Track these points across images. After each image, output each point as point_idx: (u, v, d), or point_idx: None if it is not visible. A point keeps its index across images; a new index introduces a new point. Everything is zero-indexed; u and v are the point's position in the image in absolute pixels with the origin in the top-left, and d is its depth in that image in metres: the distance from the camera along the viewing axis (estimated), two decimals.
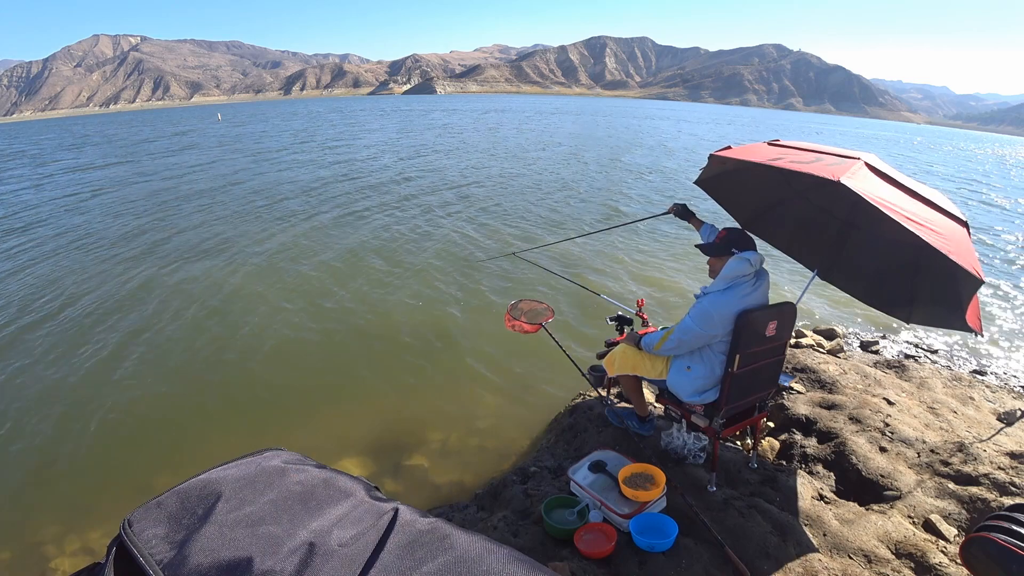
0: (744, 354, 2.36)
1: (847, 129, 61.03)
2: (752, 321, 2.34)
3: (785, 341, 2.59)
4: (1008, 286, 7.36)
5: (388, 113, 53.09)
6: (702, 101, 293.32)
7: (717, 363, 2.44)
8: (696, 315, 2.41)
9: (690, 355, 2.52)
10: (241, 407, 4.29)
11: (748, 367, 2.43)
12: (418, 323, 5.61)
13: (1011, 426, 3.43)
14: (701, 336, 2.40)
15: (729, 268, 2.39)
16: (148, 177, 15.52)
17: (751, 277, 2.42)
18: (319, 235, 8.82)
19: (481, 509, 2.90)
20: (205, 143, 25.89)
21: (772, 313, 2.43)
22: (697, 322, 2.40)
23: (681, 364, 2.56)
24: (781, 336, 2.52)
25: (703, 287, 2.52)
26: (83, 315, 5.82)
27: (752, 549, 2.22)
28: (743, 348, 2.35)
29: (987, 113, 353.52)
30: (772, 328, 2.43)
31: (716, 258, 2.51)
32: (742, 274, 2.38)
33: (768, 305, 2.47)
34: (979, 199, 15.09)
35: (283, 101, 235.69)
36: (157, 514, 0.58)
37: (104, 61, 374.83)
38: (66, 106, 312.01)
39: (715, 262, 2.52)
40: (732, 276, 2.39)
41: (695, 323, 2.40)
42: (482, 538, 0.58)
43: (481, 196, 11.86)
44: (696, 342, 2.44)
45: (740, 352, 2.35)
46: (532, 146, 22.60)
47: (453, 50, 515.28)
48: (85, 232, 9.34)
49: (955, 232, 2.17)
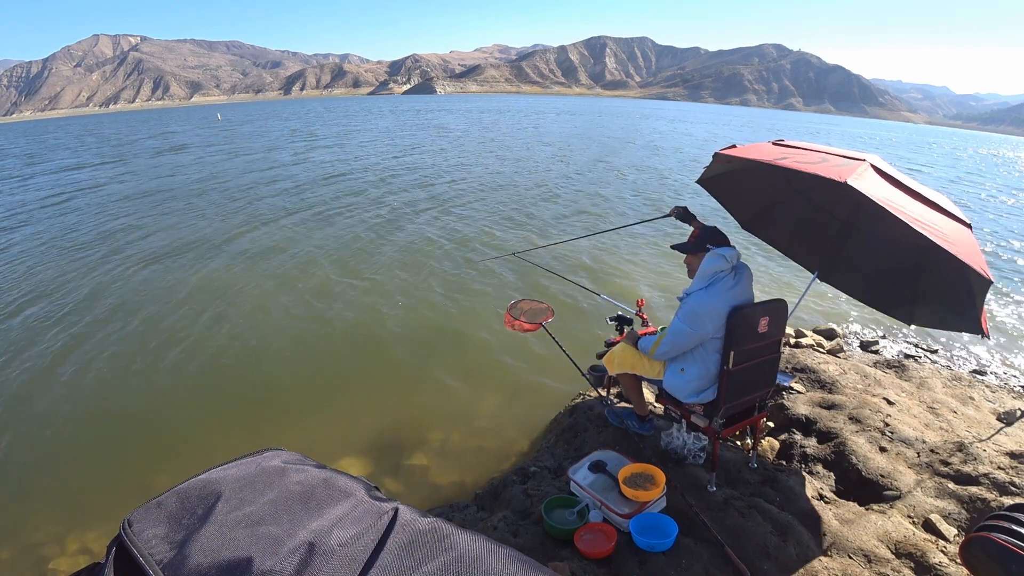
0: (738, 351, 2.37)
1: (845, 129, 60.97)
2: (744, 317, 2.36)
3: (779, 338, 2.60)
4: (1008, 286, 7.37)
5: (384, 114, 53.04)
6: (702, 101, 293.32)
7: (711, 362, 2.44)
8: (684, 316, 2.42)
9: (682, 357, 2.52)
10: (241, 407, 4.29)
11: (744, 364, 2.43)
12: (418, 323, 5.61)
13: (1011, 426, 3.43)
14: (693, 336, 2.41)
15: (706, 263, 2.41)
16: (147, 176, 15.53)
17: (729, 272, 2.43)
18: (317, 236, 8.82)
19: (481, 509, 2.89)
20: (205, 142, 25.89)
21: (764, 309, 2.44)
22: (687, 322, 2.40)
23: (675, 367, 2.56)
24: (774, 333, 2.53)
25: (685, 289, 2.53)
26: (81, 316, 5.82)
27: (752, 549, 2.22)
28: (737, 345, 2.36)
29: (987, 113, 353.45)
30: (765, 324, 2.44)
31: (692, 256, 2.53)
32: (719, 269, 2.40)
33: (759, 302, 2.49)
34: (979, 199, 15.09)
35: (283, 101, 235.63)
36: (157, 514, 0.58)
37: (104, 61, 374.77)
38: (66, 106, 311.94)
39: (692, 260, 2.54)
40: (710, 272, 2.41)
41: (685, 323, 2.41)
42: (482, 538, 0.58)
43: (481, 196, 11.86)
44: (689, 342, 2.44)
45: (734, 349, 2.36)
46: (535, 146, 22.61)
47: (453, 50, 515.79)
48: (79, 233, 9.34)
49: (961, 233, 2.18)
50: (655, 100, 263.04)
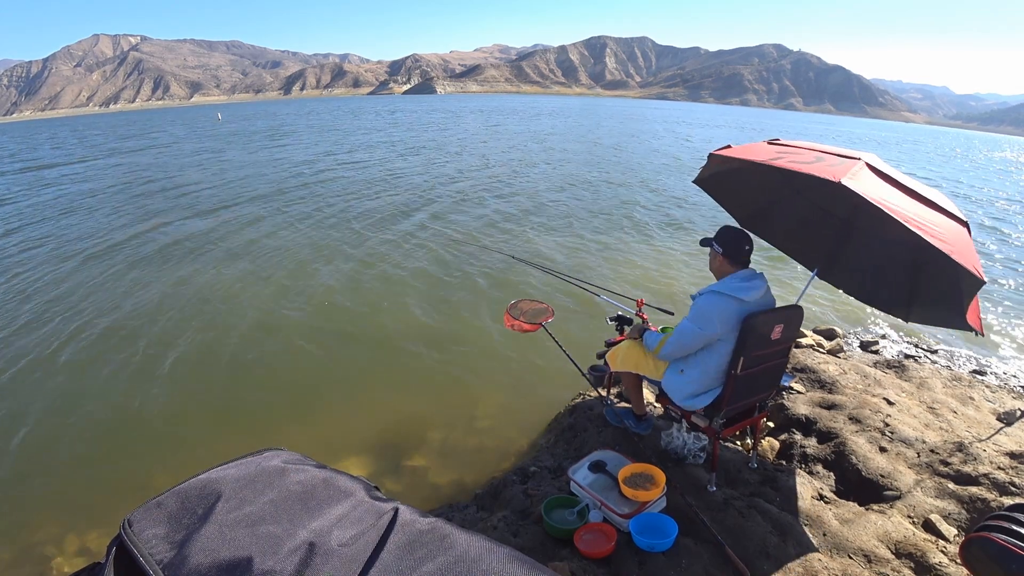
0: (748, 357, 2.34)
1: (844, 130, 60.95)
2: (758, 325, 2.32)
3: (790, 344, 2.58)
4: (1008, 286, 7.37)
5: (382, 114, 53.02)
6: (702, 101, 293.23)
7: (712, 366, 2.41)
8: (694, 315, 2.41)
9: (684, 357, 2.51)
10: (241, 407, 4.29)
11: (751, 370, 2.41)
12: (417, 323, 5.61)
13: (1011, 426, 3.43)
14: (699, 336, 2.38)
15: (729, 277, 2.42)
16: (156, 175, 15.53)
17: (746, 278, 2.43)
18: (314, 237, 8.82)
19: (481, 509, 2.89)
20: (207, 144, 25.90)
21: (779, 316, 2.40)
22: (695, 322, 2.39)
23: (675, 366, 2.56)
24: (787, 339, 2.50)
25: (700, 289, 2.52)
26: (80, 317, 5.82)
27: (752, 549, 2.22)
28: (747, 352, 2.33)
29: (987, 113, 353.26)
30: (779, 332, 2.41)
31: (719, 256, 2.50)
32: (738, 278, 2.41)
33: (775, 308, 2.45)
34: (979, 198, 15.09)
35: (283, 101, 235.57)
36: (157, 514, 0.58)
37: (104, 61, 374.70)
38: (66, 106, 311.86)
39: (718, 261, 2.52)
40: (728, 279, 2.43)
41: (693, 323, 2.40)
42: (482, 538, 0.58)
43: (480, 197, 11.86)
44: (695, 343, 2.41)
45: (744, 355, 2.32)
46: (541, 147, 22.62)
47: (453, 50, 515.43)
48: (71, 233, 9.34)
49: (956, 232, 2.18)
50: (655, 100, 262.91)
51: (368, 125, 36.31)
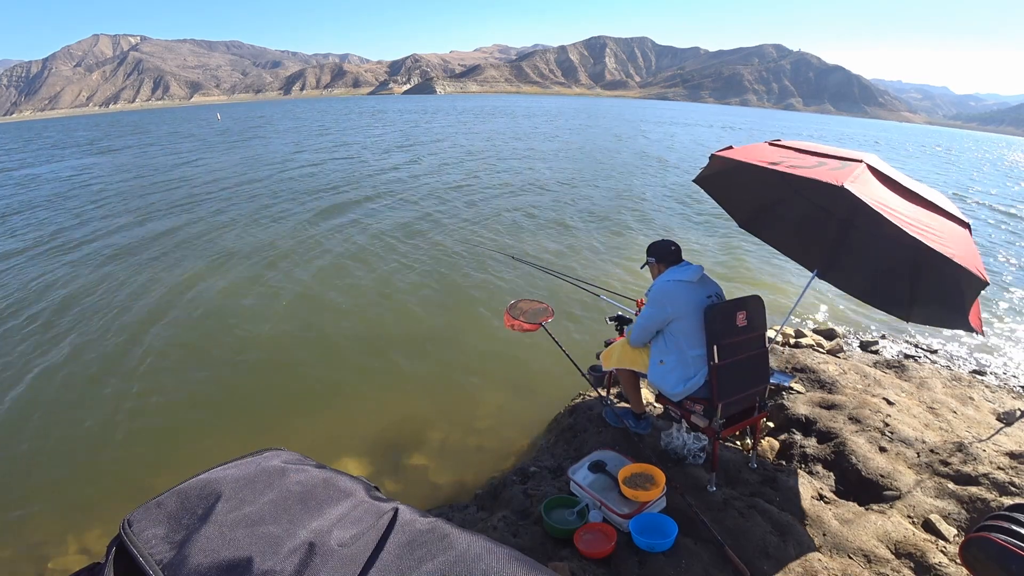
0: (721, 345, 2.45)
1: (845, 130, 60.93)
2: (718, 313, 2.47)
3: (762, 332, 2.67)
4: (1008, 286, 7.37)
5: (380, 114, 53.02)
6: (702, 101, 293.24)
7: (684, 346, 2.55)
8: (648, 303, 2.67)
9: (658, 349, 2.65)
10: (241, 407, 4.29)
11: (731, 359, 2.49)
12: (417, 323, 5.61)
13: (1011, 426, 3.43)
14: (654, 317, 2.61)
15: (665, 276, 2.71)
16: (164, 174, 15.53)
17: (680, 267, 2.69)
18: (313, 238, 8.82)
19: (481, 509, 2.90)
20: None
21: (737, 304, 2.55)
22: (648, 307, 2.65)
23: (655, 359, 2.68)
24: (755, 327, 2.60)
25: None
26: (79, 316, 5.82)
27: (752, 549, 2.22)
28: (719, 339, 2.45)
29: (987, 113, 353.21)
30: (742, 318, 2.53)
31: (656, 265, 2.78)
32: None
33: (734, 298, 2.61)
34: (978, 198, 15.09)
35: (283, 101, 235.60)
36: (157, 514, 0.58)
37: (104, 61, 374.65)
38: (66, 106, 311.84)
39: (656, 269, 2.79)
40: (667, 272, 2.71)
41: (648, 308, 2.65)
42: (482, 538, 0.57)
43: (480, 197, 11.87)
44: (651, 324, 2.63)
45: (717, 343, 2.44)
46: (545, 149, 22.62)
47: (453, 50, 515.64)
48: (67, 234, 9.34)
49: (957, 234, 2.18)
50: (655, 100, 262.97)
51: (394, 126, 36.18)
